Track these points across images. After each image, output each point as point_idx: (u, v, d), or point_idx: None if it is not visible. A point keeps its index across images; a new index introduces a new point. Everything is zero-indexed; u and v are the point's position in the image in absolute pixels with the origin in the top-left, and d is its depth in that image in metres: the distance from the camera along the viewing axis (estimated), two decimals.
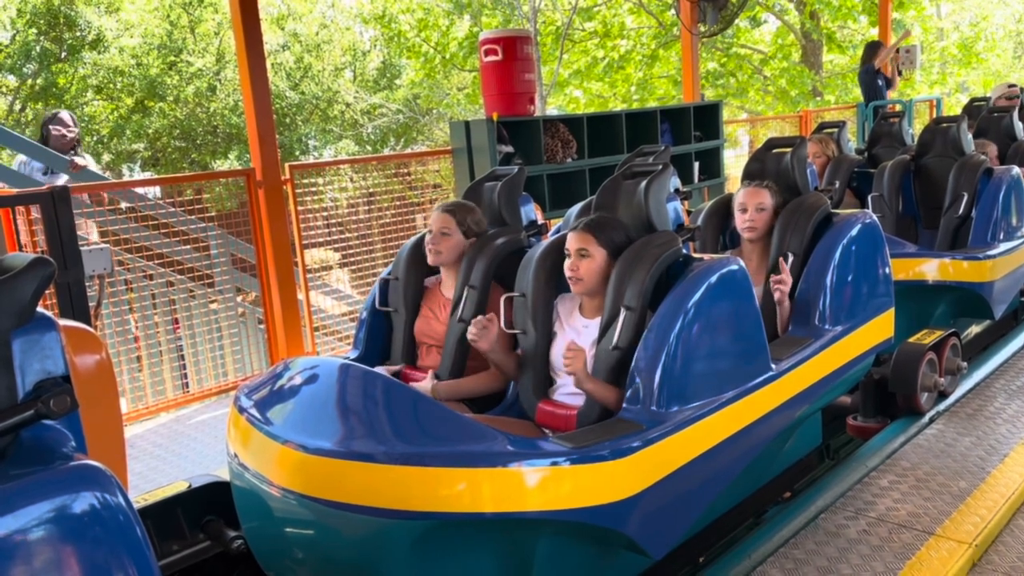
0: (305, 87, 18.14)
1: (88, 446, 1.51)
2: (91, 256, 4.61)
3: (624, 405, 2.47)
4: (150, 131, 16.91)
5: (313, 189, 6.08)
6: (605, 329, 2.63)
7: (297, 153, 17.91)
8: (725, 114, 8.46)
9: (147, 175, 16.01)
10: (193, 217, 5.61)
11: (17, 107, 16.92)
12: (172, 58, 17.08)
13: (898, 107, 10.30)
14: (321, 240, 6.31)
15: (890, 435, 3.57)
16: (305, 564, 2.30)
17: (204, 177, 7.35)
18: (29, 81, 16.55)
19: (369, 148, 19.49)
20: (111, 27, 16.63)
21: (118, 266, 5.18)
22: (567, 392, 2.72)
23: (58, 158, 5.98)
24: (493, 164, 5.98)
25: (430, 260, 3.12)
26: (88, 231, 5.19)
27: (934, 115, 11.15)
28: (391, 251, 6.44)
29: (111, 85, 16.84)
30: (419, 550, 2.16)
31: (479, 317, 2.73)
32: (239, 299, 6.05)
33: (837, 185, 4.92)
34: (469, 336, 2.73)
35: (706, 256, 2.74)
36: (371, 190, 6.85)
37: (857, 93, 11.42)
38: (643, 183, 2.80)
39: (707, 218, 3.61)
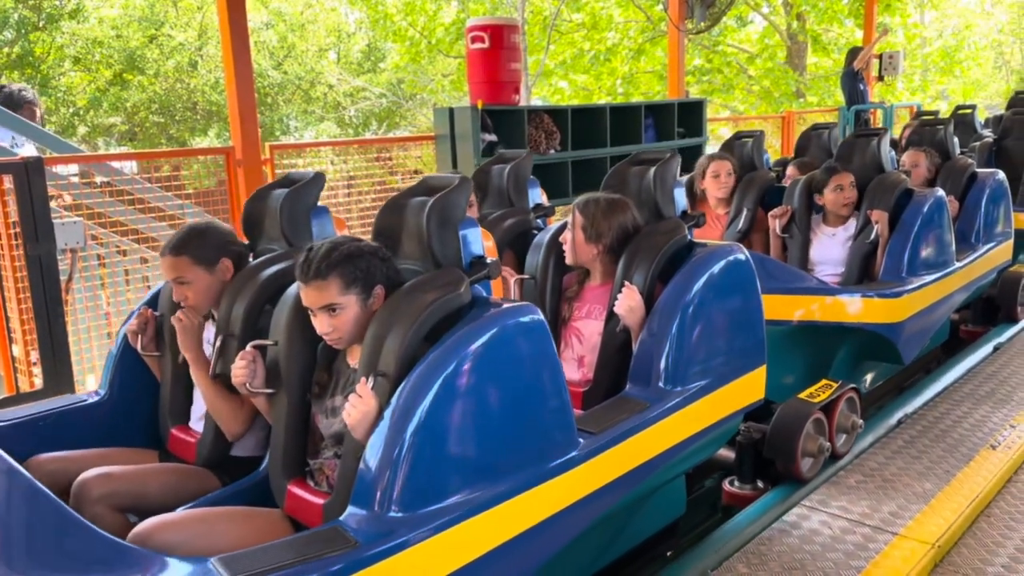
0: (288, 67, 17.97)
1: None
2: (64, 229, 4.53)
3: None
4: (128, 104, 16.67)
5: (293, 170, 6.02)
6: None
7: (278, 133, 17.75)
8: (708, 112, 8.49)
9: (123, 149, 15.76)
10: (170, 194, 5.53)
11: None
12: (153, 31, 16.84)
13: (878, 112, 10.41)
14: None
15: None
16: None
17: (182, 154, 7.26)
18: (5, 49, 16.22)
19: (351, 131, 19.35)
20: None
21: (91, 240, 5.10)
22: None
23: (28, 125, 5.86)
24: (476, 152, 5.96)
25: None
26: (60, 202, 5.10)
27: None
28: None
29: (89, 56, 16.57)
30: None
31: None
32: None
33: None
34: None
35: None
36: (351, 174, 6.80)
37: (839, 96, 11.52)
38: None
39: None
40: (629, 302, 2.61)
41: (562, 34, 17.26)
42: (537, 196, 3.47)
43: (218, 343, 2.39)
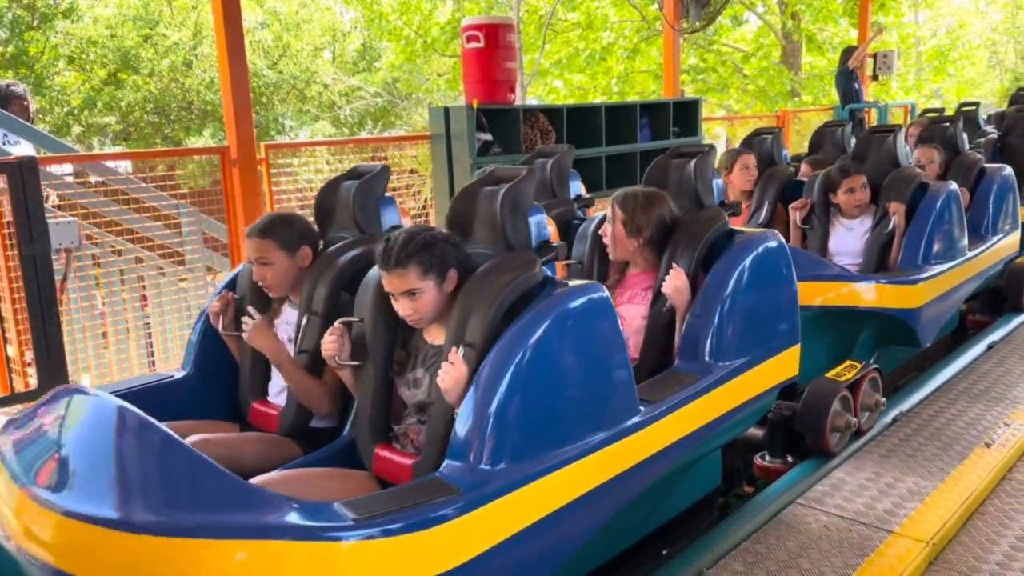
0: (283, 66, 17.94)
1: None
2: (58, 229, 4.52)
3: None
4: (122, 104, 16.63)
5: (288, 170, 6.01)
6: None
7: (273, 133, 17.73)
8: (703, 111, 8.50)
9: (118, 149, 15.71)
10: (165, 194, 5.52)
11: None
12: (147, 30, 16.79)
13: (873, 111, 10.43)
14: None
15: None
16: None
17: (177, 153, 7.25)
18: (0, 49, 16.17)
19: (346, 131, 19.32)
20: None
21: (86, 240, 5.09)
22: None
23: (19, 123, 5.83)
24: (472, 152, 5.96)
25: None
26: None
27: (908, 120, 11.29)
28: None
29: (83, 55, 16.52)
30: None
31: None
32: (209, 278, 5.97)
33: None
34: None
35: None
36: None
37: (834, 95, 11.54)
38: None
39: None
40: (676, 282, 2.82)
41: (557, 33, 17.25)
42: (577, 188, 3.67)
43: (304, 321, 2.61)
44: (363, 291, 2.48)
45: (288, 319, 2.76)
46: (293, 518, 1.83)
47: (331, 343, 2.40)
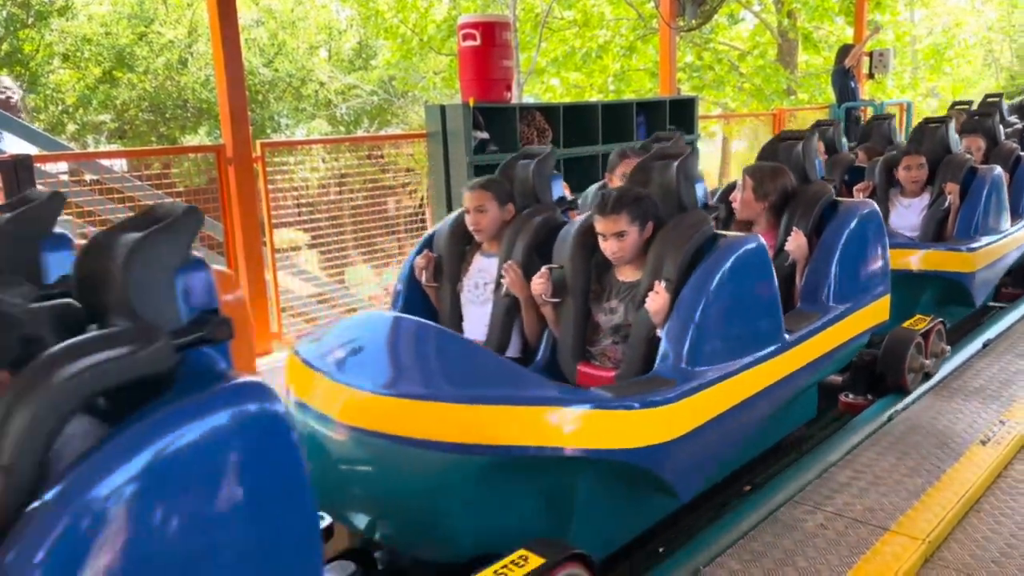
0: (279, 64, 17.89)
1: None
2: None
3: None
4: (118, 102, 16.57)
5: (284, 168, 6.00)
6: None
7: (269, 131, 17.69)
8: (699, 109, 8.50)
9: (113, 147, 15.66)
10: (160, 192, 5.51)
11: None
12: (143, 28, 16.74)
13: (869, 109, 10.44)
14: (291, 220, 6.24)
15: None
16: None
17: (173, 151, 7.23)
18: None
19: (342, 129, 19.29)
20: None
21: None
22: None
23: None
24: (468, 150, 5.95)
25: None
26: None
27: (904, 118, 11.33)
28: (362, 233, 6.38)
29: (78, 53, 16.45)
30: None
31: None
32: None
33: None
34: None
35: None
36: (343, 171, 6.78)
37: (830, 94, 11.55)
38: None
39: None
40: (798, 241, 3.55)
41: (553, 31, 17.24)
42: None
43: (509, 267, 3.16)
44: (561, 243, 3.13)
45: (481, 267, 3.41)
46: (561, 392, 2.43)
47: (540, 284, 3.04)
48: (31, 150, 5.25)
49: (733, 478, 3.29)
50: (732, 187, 4.00)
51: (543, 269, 3.07)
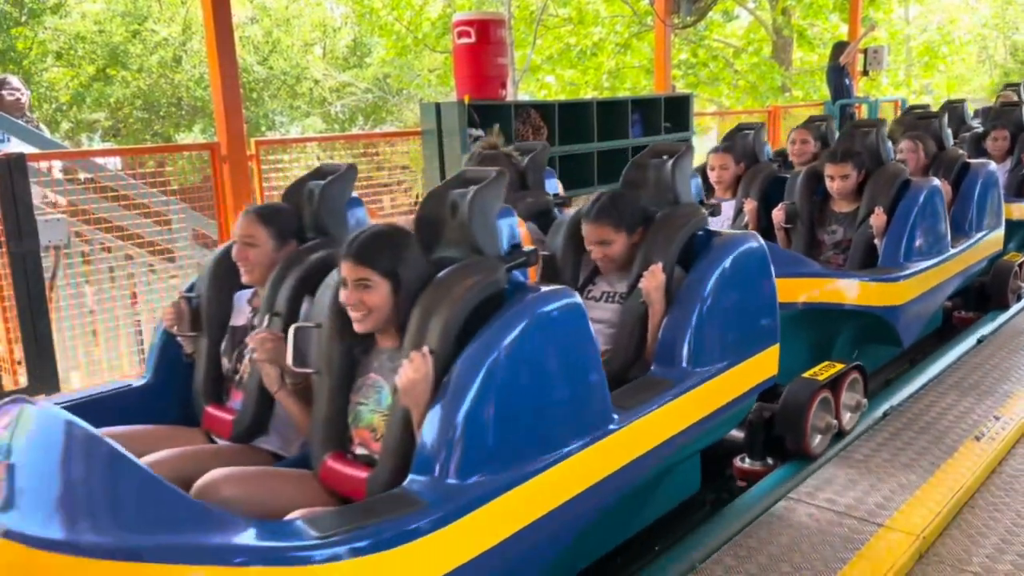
0: (273, 62, 17.86)
1: None
2: (47, 227, 4.49)
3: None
4: (111, 100, 16.53)
5: (279, 166, 5.99)
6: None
7: (264, 129, 17.65)
8: (694, 106, 8.50)
9: (107, 145, 15.61)
10: (154, 190, 5.49)
11: None
12: (136, 26, 16.69)
13: (863, 106, 10.46)
14: None
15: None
16: None
17: (167, 149, 7.20)
18: None
19: (337, 127, 19.27)
20: None
21: (75, 238, 5.06)
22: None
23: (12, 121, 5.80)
24: (463, 147, 5.95)
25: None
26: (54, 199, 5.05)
27: (898, 115, 11.31)
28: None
29: (72, 51, 16.41)
30: None
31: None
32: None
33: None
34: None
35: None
36: None
37: (825, 91, 11.56)
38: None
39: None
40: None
41: (548, 29, 17.24)
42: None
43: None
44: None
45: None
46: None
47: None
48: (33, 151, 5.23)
49: (717, 477, 3.29)
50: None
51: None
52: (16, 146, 5.43)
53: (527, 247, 2.39)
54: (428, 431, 2.00)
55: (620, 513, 2.62)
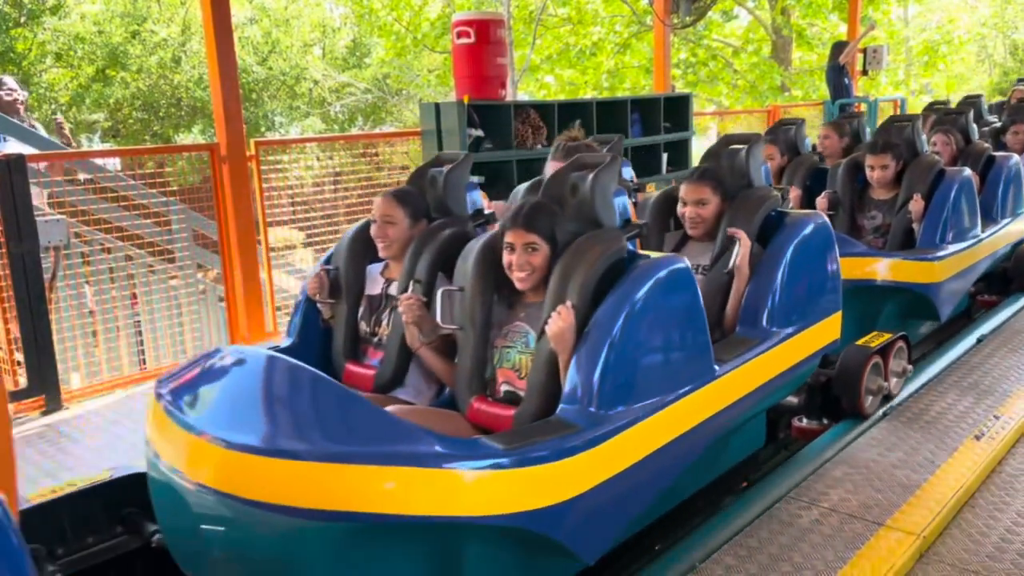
0: (273, 62, 17.86)
1: None
2: (46, 227, 4.49)
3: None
4: (111, 101, 16.52)
5: (278, 167, 6.00)
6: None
7: (263, 129, 17.65)
8: (694, 106, 8.51)
9: (107, 146, 15.60)
10: (154, 191, 5.49)
11: None
12: (135, 26, 16.68)
13: (863, 106, 10.46)
14: (285, 219, 6.23)
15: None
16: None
17: (167, 150, 7.21)
18: None
19: (336, 127, 19.27)
20: None
21: (75, 238, 5.06)
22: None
23: (10, 122, 5.79)
24: (463, 147, 5.95)
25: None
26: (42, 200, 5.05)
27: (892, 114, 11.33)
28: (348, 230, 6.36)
29: (71, 52, 16.40)
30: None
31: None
32: (200, 276, 5.95)
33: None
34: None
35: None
36: (337, 170, 6.77)
37: (824, 90, 11.56)
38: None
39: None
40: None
41: (548, 29, 17.25)
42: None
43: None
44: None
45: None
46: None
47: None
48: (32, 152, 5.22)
49: (727, 476, 3.30)
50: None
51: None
52: (15, 146, 5.43)
53: (637, 222, 2.77)
54: (575, 371, 2.39)
55: (704, 461, 2.93)
